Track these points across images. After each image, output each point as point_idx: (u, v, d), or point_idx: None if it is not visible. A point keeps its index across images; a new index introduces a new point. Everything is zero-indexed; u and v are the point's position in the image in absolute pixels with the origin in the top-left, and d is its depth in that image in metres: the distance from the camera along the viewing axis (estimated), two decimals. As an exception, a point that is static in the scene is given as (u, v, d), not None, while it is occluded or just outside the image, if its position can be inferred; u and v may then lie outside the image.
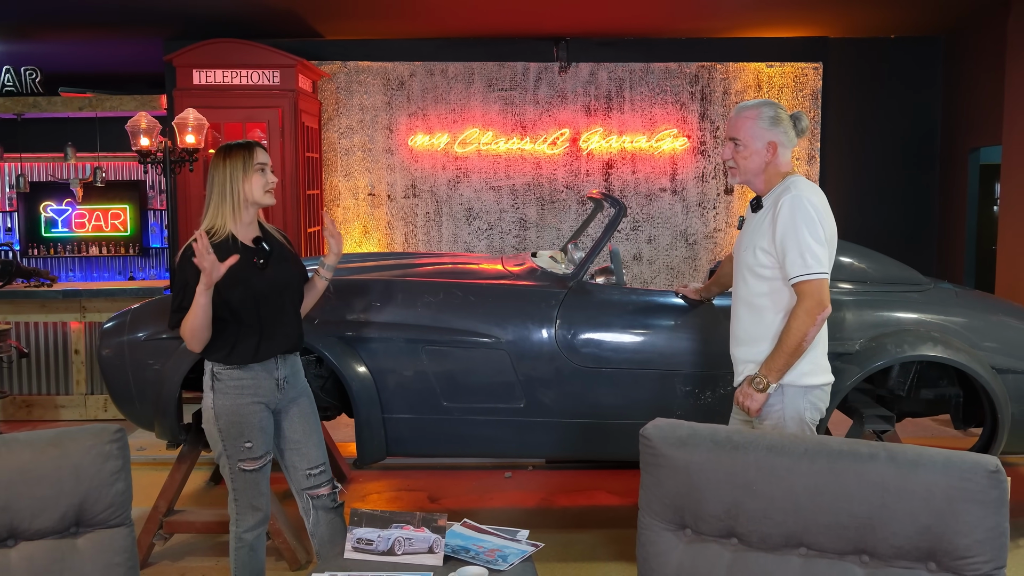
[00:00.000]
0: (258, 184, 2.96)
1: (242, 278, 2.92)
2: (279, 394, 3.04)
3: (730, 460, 2.23)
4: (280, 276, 3.01)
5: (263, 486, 3.07)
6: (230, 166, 2.94)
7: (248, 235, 3.01)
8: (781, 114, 2.95)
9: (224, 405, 2.97)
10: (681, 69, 7.88)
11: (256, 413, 2.99)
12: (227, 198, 2.94)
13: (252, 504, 3.06)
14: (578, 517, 4.46)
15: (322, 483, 3.16)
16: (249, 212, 2.99)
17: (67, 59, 8.43)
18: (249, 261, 2.96)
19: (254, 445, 2.99)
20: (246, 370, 2.97)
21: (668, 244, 8.01)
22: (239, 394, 2.97)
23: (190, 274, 2.86)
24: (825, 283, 2.83)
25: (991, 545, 2.00)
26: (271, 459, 3.09)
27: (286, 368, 3.06)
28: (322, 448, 3.18)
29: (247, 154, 2.95)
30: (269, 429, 3.05)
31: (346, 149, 7.93)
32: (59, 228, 10.40)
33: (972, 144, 7.66)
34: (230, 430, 2.97)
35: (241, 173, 2.94)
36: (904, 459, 2.09)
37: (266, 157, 3.01)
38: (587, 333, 3.72)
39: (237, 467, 3.00)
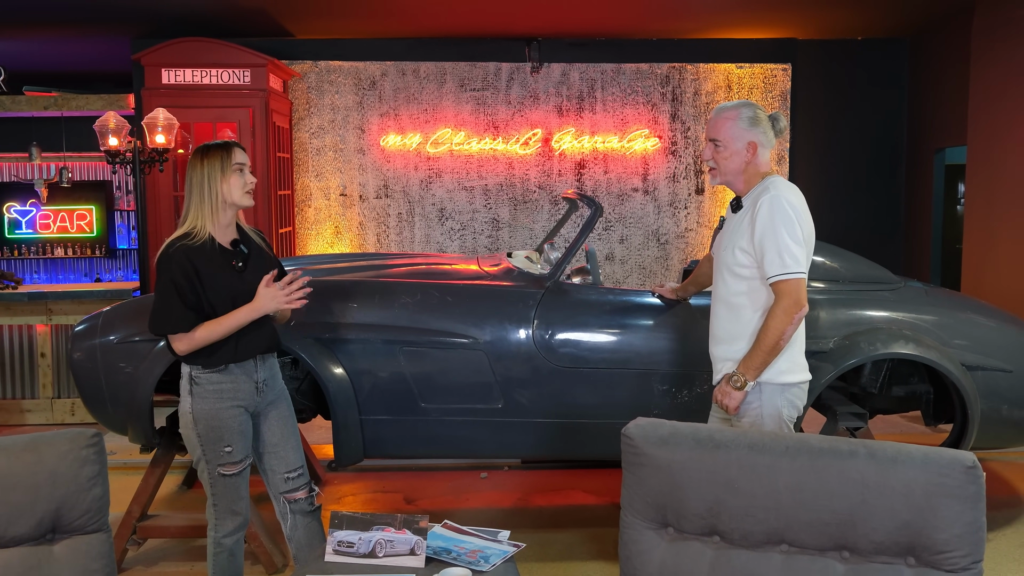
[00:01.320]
0: (236, 185, 2.92)
1: (224, 281, 2.89)
2: (258, 397, 3.02)
3: (712, 458, 2.25)
4: (258, 278, 2.98)
5: (243, 490, 3.04)
6: (207, 167, 2.90)
7: (226, 237, 2.97)
8: (760, 115, 2.99)
9: (203, 409, 2.93)
10: (652, 70, 7.92)
11: (235, 417, 2.96)
12: (205, 200, 2.90)
13: (232, 509, 3.03)
14: (555, 517, 4.46)
15: (300, 486, 3.14)
16: (228, 214, 2.95)
17: (32, 58, 8.28)
18: (228, 263, 2.93)
19: (234, 449, 2.96)
20: (225, 373, 2.94)
21: (640, 244, 8.05)
22: (218, 398, 2.93)
23: (175, 274, 2.83)
24: (803, 282, 2.86)
25: (969, 540, 2.04)
26: (251, 463, 3.07)
27: (265, 370, 3.04)
28: (300, 451, 3.16)
29: (225, 154, 2.91)
30: (248, 433, 3.02)
31: (317, 149, 7.88)
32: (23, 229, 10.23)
33: (938, 144, 7.79)
34: (209, 434, 2.94)
35: (219, 174, 2.89)
36: (884, 456, 2.12)
37: (244, 157, 2.97)
38: (564, 333, 3.73)
39: (217, 472, 2.97)
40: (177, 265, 2.83)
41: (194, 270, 2.84)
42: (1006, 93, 6.42)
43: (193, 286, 2.85)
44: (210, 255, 2.88)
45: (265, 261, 3.06)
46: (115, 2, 6.45)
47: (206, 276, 2.86)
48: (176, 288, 2.84)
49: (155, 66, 6.87)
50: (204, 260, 2.87)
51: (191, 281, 2.84)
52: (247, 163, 2.97)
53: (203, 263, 2.87)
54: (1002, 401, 3.92)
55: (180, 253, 2.85)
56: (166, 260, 2.86)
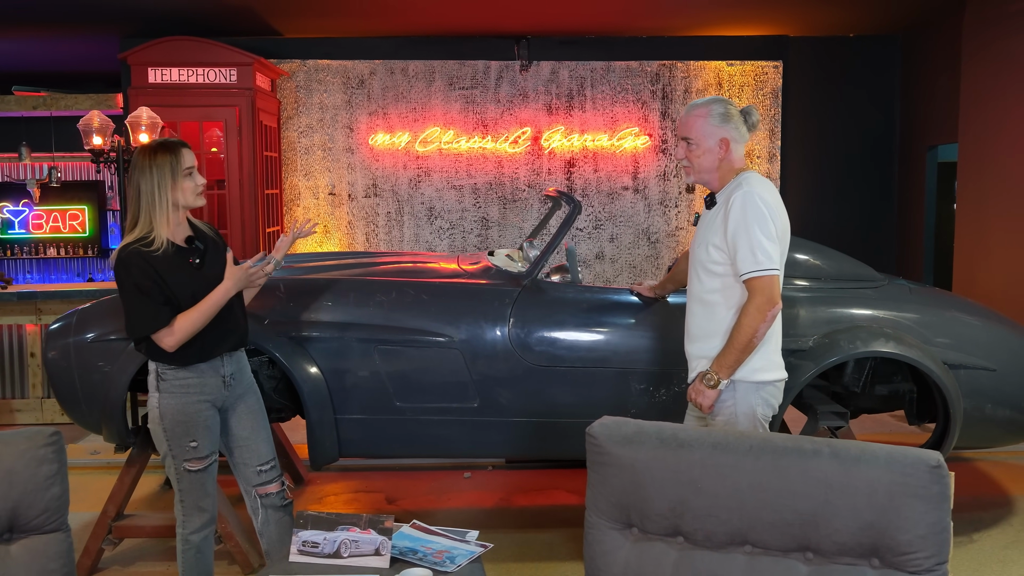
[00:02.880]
0: (189, 190, 2.89)
1: (184, 279, 2.88)
2: (225, 391, 3.01)
3: (675, 458, 2.22)
4: (218, 273, 2.97)
5: (209, 487, 3.03)
6: (157, 174, 2.84)
7: (180, 236, 2.95)
8: (731, 110, 2.95)
9: (169, 405, 2.92)
10: (642, 68, 7.89)
11: (202, 412, 2.95)
12: (157, 206, 2.85)
13: (198, 505, 3.02)
14: (536, 517, 4.43)
15: (272, 479, 3.14)
16: (177, 214, 2.93)
17: (21, 57, 8.27)
18: (185, 261, 2.91)
19: (200, 445, 2.95)
20: (191, 369, 2.93)
21: (630, 242, 8.02)
22: (185, 393, 2.92)
23: (138, 277, 2.81)
24: (776, 279, 2.82)
25: (933, 541, 2.00)
26: (217, 459, 3.05)
27: (232, 365, 3.03)
28: (271, 444, 3.16)
29: (174, 160, 2.86)
30: (215, 428, 3.01)
31: (306, 148, 7.86)
32: (16, 229, 10.23)
33: (930, 142, 7.75)
34: (175, 430, 2.93)
35: (170, 181, 2.85)
36: (847, 455, 2.08)
37: (193, 159, 2.93)
38: (541, 331, 3.70)
39: (183, 467, 2.96)
40: (136, 268, 2.81)
41: (154, 270, 2.83)
42: (997, 90, 6.38)
43: (158, 285, 2.83)
44: (167, 256, 2.86)
45: (220, 254, 3.04)
46: (103, 1, 6.43)
47: (167, 276, 2.85)
48: (140, 290, 2.82)
49: (141, 65, 6.85)
50: (162, 261, 2.85)
51: (154, 281, 2.82)
52: (195, 163, 2.94)
53: (160, 264, 2.84)
54: (985, 400, 3.88)
55: (136, 256, 2.82)
56: (123, 266, 2.83)
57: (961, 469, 5.11)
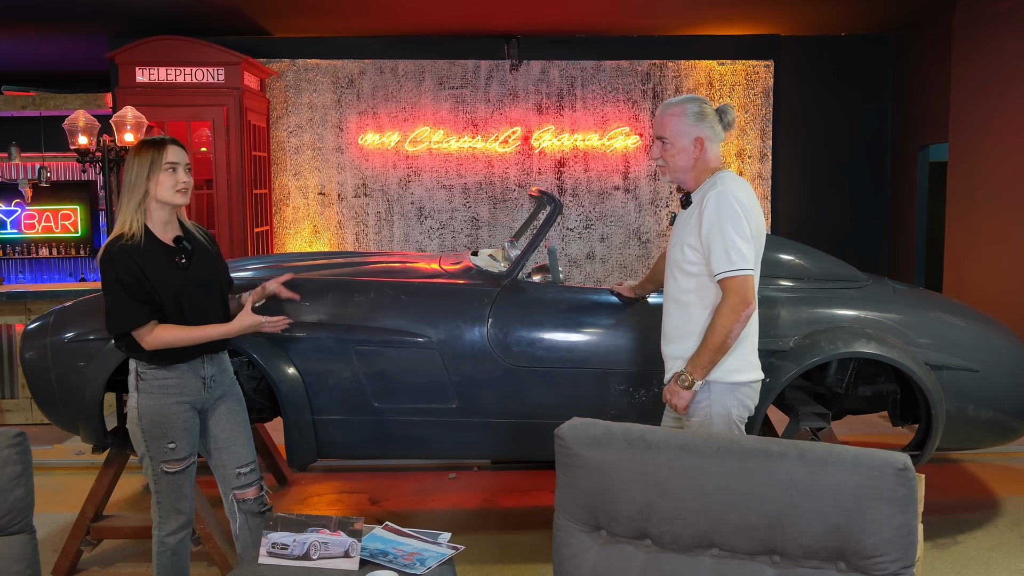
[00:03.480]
0: (166, 184, 2.85)
1: (165, 278, 2.86)
2: (205, 393, 2.99)
3: (642, 460, 2.20)
4: (203, 275, 2.96)
5: (186, 489, 3.01)
6: (138, 164, 2.84)
7: (168, 234, 2.93)
8: (706, 109, 2.93)
9: (148, 405, 2.90)
10: (633, 67, 7.86)
11: (180, 413, 2.93)
12: (132, 197, 2.84)
13: (175, 507, 3.00)
14: (519, 518, 4.41)
15: (250, 483, 3.12)
16: (163, 211, 2.90)
17: (10, 57, 8.25)
18: (171, 261, 2.90)
19: (177, 446, 2.93)
20: (171, 369, 2.91)
21: (621, 242, 8.00)
22: (163, 394, 2.91)
23: (120, 272, 2.80)
24: (750, 279, 2.80)
25: (899, 544, 1.98)
26: (195, 461, 3.03)
27: (212, 366, 3.01)
28: (250, 447, 3.13)
29: (156, 152, 2.84)
30: (194, 430, 2.99)
31: (295, 148, 7.84)
32: (8, 229, 10.21)
33: (922, 141, 7.73)
34: (153, 430, 2.91)
35: (147, 171, 2.83)
36: (814, 457, 2.06)
37: (179, 156, 2.89)
38: (520, 332, 3.68)
39: (160, 469, 2.95)
40: (120, 264, 2.81)
41: (139, 267, 2.82)
42: (987, 89, 6.36)
43: (140, 282, 2.82)
44: (151, 253, 2.85)
45: (209, 258, 3.02)
46: (92, 1, 6.41)
47: (151, 273, 2.84)
48: (123, 286, 2.81)
49: (129, 64, 6.83)
50: (146, 258, 2.84)
51: (137, 278, 2.81)
52: (182, 161, 2.90)
53: (146, 261, 2.84)
54: (968, 401, 3.85)
55: (121, 253, 2.82)
56: (107, 261, 2.83)
57: (948, 470, 5.09)
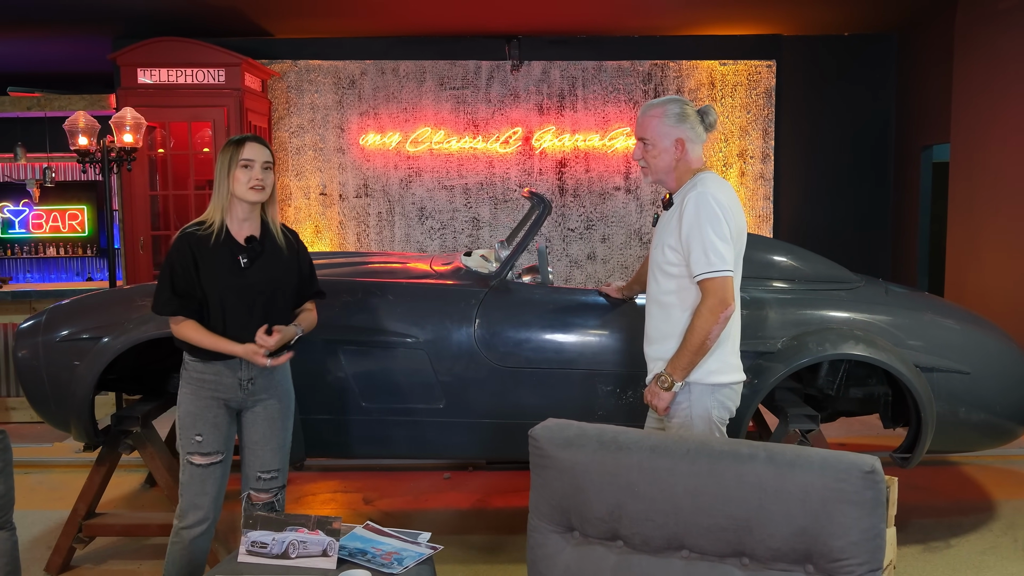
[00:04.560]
0: (240, 180, 2.91)
1: (219, 273, 2.92)
2: (242, 393, 3.01)
3: (614, 461, 2.20)
4: (259, 279, 2.96)
5: (209, 486, 3.01)
6: (220, 161, 2.94)
7: (243, 232, 2.98)
8: (688, 110, 2.93)
9: (185, 395, 2.99)
10: (634, 67, 7.86)
11: (212, 408, 2.98)
12: (218, 192, 2.94)
13: (194, 502, 3.01)
14: (512, 518, 4.42)
15: (269, 488, 3.12)
16: (242, 208, 2.96)
17: (16, 59, 8.32)
18: (232, 259, 2.94)
19: (204, 440, 2.97)
20: (209, 365, 2.96)
21: (622, 243, 7.99)
22: (199, 386, 2.97)
23: (175, 257, 2.90)
24: (729, 280, 2.80)
25: (866, 547, 1.98)
26: (222, 461, 3.04)
27: (253, 369, 3.00)
28: (280, 454, 3.13)
29: (234, 149, 2.93)
30: (223, 428, 3.01)
31: (297, 148, 7.87)
32: (16, 229, 10.29)
33: (925, 141, 7.68)
34: (185, 420, 2.98)
35: (227, 168, 2.92)
36: (783, 459, 2.06)
37: (255, 153, 2.93)
38: (507, 332, 3.68)
39: (187, 460, 3.00)
40: (178, 250, 2.91)
41: (192, 258, 2.89)
42: (988, 89, 6.32)
43: (187, 273, 2.89)
44: (215, 246, 2.92)
45: (279, 266, 3.02)
46: (95, 3, 6.46)
47: (204, 265, 2.90)
48: (171, 270, 2.91)
49: (131, 66, 6.88)
50: (207, 250, 2.91)
51: (186, 268, 2.89)
52: (259, 159, 2.93)
53: (204, 252, 2.91)
54: (959, 403, 3.83)
55: (185, 239, 2.92)
56: (174, 242, 2.94)
57: (945, 473, 5.06)
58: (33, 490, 4.85)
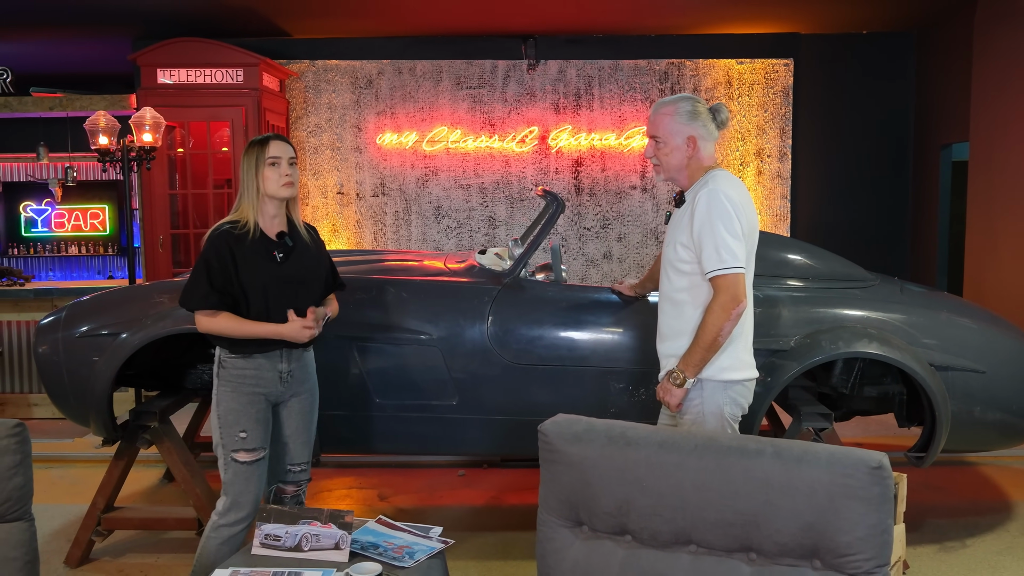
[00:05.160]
0: (270, 178, 3.00)
1: (258, 269, 2.97)
2: (281, 387, 3.07)
3: (622, 456, 2.21)
4: (295, 273, 3.05)
5: (253, 484, 3.04)
6: (246, 162, 3.01)
7: (273, 228, 3.06)
8: (699, 108, 2.93)
9: (225, 393, 3.01)
10: (650, 66, 7.85)
11: (255, 403, 3.02)
12: (247, 192, 3.01)
13: (237, 500, 3.03)
14: (524, 515, 4.43)
15: (299, 481, 3.22)
16: (272, 205, 3.04)
17: (38, 60, 8.42)
18: (268, 253, 3.01)
19: (249, 436, 3.01)
20: (250, 360, 3.00)
21: (638, 242, 7.99)
22: (240, 382, 3.00)
23: (211, 253, 2.95)
24: (741, 277, 2.81)
25: (873, 543, 1.98)
26: (265, 457, 3.08)
27: (291, 362, 3.08)
28: (309, 448, 3.22)
29: (260, 149, 3.00)
30: (265, 423, 3.06)
31: (315, 148, 7.92)
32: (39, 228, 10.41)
33: (944, 140, 7.63)
34: (227, 417, 3.00)
35: (254, 168, 2.99)
36: (790, 455, 2.07)
37: (281, 150, 3.02)
38: (520, 330, 3.70)
39: (230, 457, 3.01)
40: (214, 247, 2.95)
41: (231, 255, 2.95)
42: (1008, 87, 6.27)
43: (225, 269, 2.94)
44: (252, 243, 2.99)
45: (309, 258, 3.11)
46: (115, 4, 6.54)
47: (242, 262, 2.96)
48: (207, 267, 2.94)
49: (151, 66, 6.95)
50: (244, 247, 2.97)
51: (224, 264, 2.94)
52: (284, 156, 3.02)
53: (242, 249, 2.97)
54: (974, 402, 3.81)
55: (222, 237, 2.97)
56: (209, 240, 2.98)
57: (962, 473, 5.03)
58: (54, 484, 4.92)
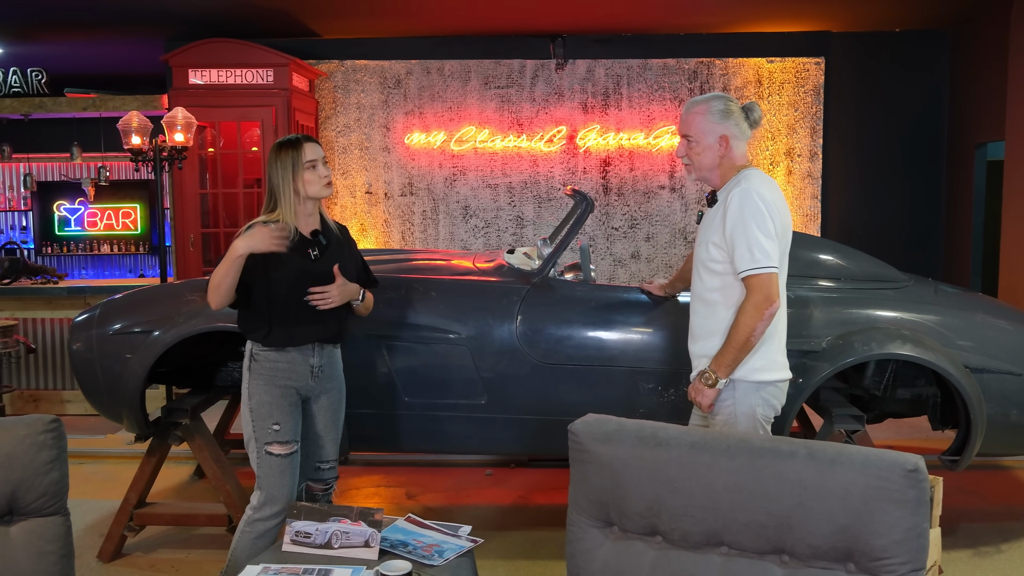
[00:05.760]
0: (312, 181, 3.04)
1: (293, 265, 3.01)
2: (312, 381, 3.11)
3: (653, 456, 2.20)
4: (328, 269, 3.08)
5: (287, 477, 3.07)
6: (280, 166, 3.03)
7: (307, 227, 3.11)
8: (732, 107, 2.91)
9: (257, 386, 3.04)
10: (679, 65, 7.81)
11: (287, 396, 3.05)
12: (283, 197, 3.03)
13: (272, 494, 3.05)
14: (552, 515, 4.43)
15: (326, 479, 3.25)
16: (308, 205, 3.09)
17: (72, 60, 8.53)
18: (304, 251, 3.05)
19: (282, 428, 3.04)
20: (282, 353, 3.04)
21: (667, 242, 7.95)
22: (272, 376, 3.04)
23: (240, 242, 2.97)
24: (774, 277, 2.78)
25: (908, 546, 1.95)
26: (298, 450, 3.11)
27: (322, 357, 3.13)
28: (337, 444, 3.26)
29: (295, 153, 3.03)
30: (297, 416, 3.09)
31: (343, 147, 7.96)
32: (72, 227, 10.53)
33: (979, 139, 7.52)
34: (260, 411, 3.03)
35: (291, 172, 3.02)
36: (823, 457, 2.04)
37: (316, 152, 3.06)
38: (549, 329, 3.69)
39: (264, 450, 3.04)
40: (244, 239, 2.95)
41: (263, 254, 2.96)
42: (1044, 86, 6.17)
43: (255, 262, 2.96)
44: (293, 245, 3.02)
45: (339, 253, 3.15)
46: (148, 5, 6.61)
47: (276, 257, 2.98)
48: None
49: (182, 67, 7.02)
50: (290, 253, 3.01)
51: (254, 258, 2.96)
52: (319, 156, 3.07)
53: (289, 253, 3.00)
54: (1011, 405, 3.75)
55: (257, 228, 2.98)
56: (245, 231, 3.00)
57: (995, 477, 4.96)
58: (87, 480, 4.98)
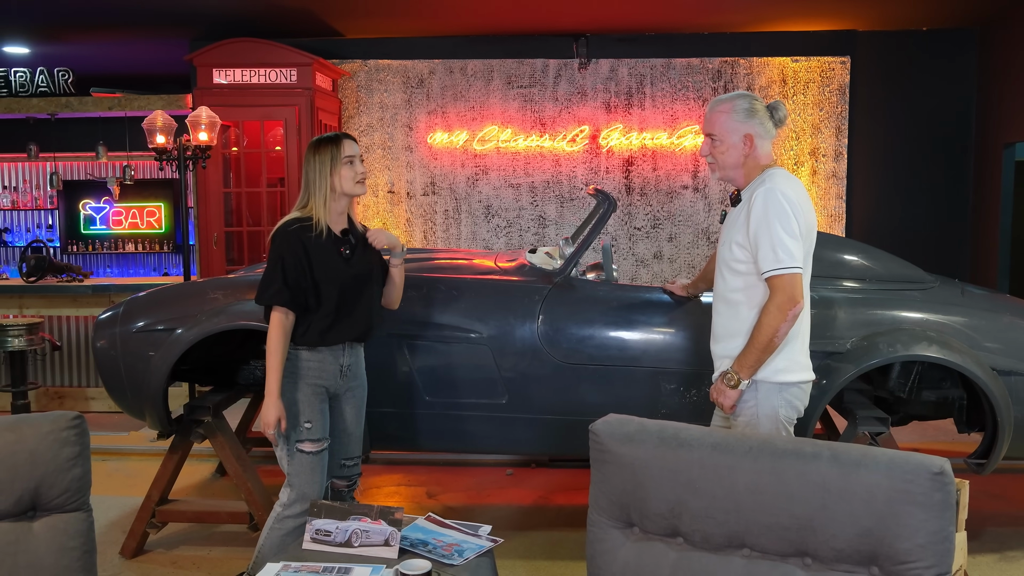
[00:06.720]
0: (347, 177, 3.07)
1: (330, 266, 3.04)
2: (340, 380, 3.14)
3: (674, 457, 2.18)
4: (363, 268, 3.13)
5: (318, 475, 3.09)
6: (318, 161, 3.06)
7: (338, 225, 3.14)
8: (756, 105, 2.89)
9: (288, 384, 3.06)
10: (703, 64, 7.76)
11: (318, 395, 3.08)
12: (319, 191, 3.05)
13: (303, 492, 3.07)
14: (573, 515, 4.41)
15: (350, 475, 3.28)
16: (341, 203, 3.11)
17: (98, 60, 8.61)
18: (337, 250, 3.08)
19: (313, 426, 3.07)
20: (314, 352, 3.06)
21: (690, 242, 7.90)
22: (304, 374, 3.07)
23: (284, 250, 3.00)
24: (798, 278, 2.76)
25: (934, 550, 1.92)
26: (327, 448, 3.13)
27: (352, 356, 3.16)
28: (360, 441, 3.29)
29: (335, 148, 3.06)
30: (327, 414, 3.13)
31: (366, 147, 7.98)
32: (97, 225, 10.64)
33: (1007, 139, 7.42)
34: (292, 408, 3.06)
35: (329, 168, 3.05)
36: (847, 459, 2.02)
37: (354, 149, 3.10)
38: (570, 329, 3.68)
39: (295, 448, 3.07)
40: (288, 243, 3.02)
41: (304, 251, 3.01)
42: (1075, 85, 6.07)
43: (299, 264, 3.00)
44: (322, 240, 3.05)
45: (367, 253, 3.18)
46: (173, 5, 6.66)
47: (316, 258, 3.02)
48: (282, 263, 3.00)
49: (206, 66, 7.06)
50: (316, 244, 3.04)
51: (299, 260, 3.00)
52: (357, 154, 3.11)
53: (314, 246, 3.03)
54: (1039, 408, 3.69)
55: (295, 234, 3.03)
56: (282, 236, 3.04)
57: (1022, 481, 4.89)
58: (110, 476, 5.02)
